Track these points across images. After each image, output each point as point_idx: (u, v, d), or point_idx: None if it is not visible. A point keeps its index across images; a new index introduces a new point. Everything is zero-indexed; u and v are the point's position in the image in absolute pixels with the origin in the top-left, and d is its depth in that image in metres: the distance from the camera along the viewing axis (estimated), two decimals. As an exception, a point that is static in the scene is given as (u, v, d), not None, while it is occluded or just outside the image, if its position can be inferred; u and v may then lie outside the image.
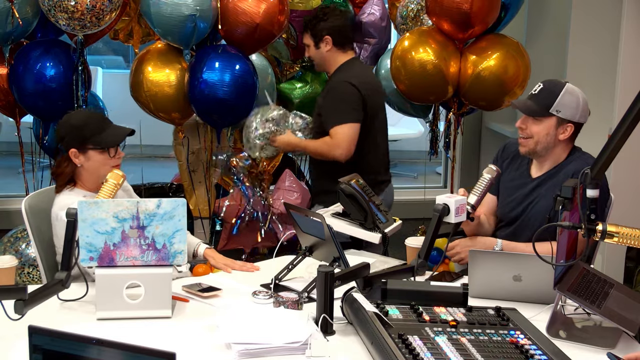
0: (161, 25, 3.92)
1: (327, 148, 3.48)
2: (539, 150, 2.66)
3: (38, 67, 3.92)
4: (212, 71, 3.98)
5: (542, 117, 2.62)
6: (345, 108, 3.46)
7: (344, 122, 3.43)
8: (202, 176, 4.53)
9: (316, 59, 3.61)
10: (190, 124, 4.45)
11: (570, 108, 2.60)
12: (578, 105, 2.61)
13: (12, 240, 4.10)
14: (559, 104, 2.59)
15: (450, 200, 2.38)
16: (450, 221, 2.38)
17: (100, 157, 2.62)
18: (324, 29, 3.53)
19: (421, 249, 2.37)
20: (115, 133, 2.66)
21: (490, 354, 1.87)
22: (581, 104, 2.62)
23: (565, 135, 2.63)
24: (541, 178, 2.70)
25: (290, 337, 1.96)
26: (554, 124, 2.62)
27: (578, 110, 2.61)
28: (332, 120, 3.46)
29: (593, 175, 1.95)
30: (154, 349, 1.35)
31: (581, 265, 2.28)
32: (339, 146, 3.43)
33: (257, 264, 2.75)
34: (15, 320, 1.98)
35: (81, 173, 2.64)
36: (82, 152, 2.61)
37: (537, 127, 2.63)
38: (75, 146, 2.60)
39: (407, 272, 2.34)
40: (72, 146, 2.61)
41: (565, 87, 2.61)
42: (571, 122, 2.62)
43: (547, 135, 2.63)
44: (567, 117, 2.61)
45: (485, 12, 4.05)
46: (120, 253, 2.21)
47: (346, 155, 3.45)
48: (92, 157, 2.62)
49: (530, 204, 2.71)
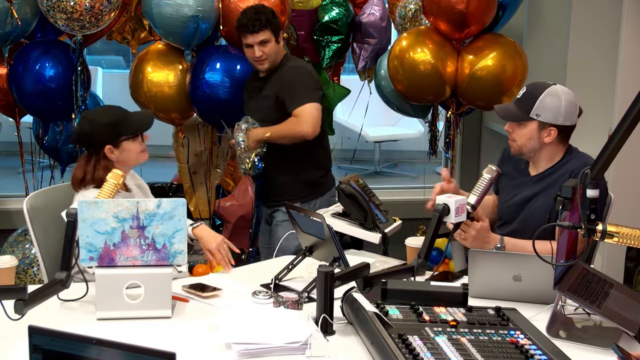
0: (163, 25, 3.93)
1: (292, 126, 3.41)
2: (526, 152, 2.66)
3: (37, 67, 3.92)
4: (214, 71, 3.98)
5: (523, 121, 2.60)
6: (309, 89, 3.45)
7: (309, 101, 3.40)
8: (203, 177, 4.53)
9: (273, 53, 3.47)
10: (190, 125, 4.45)
11: (551, 111, 2.56)
12: (559, 109, 2.56)
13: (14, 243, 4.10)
14: (538, 107, 2.56)
15: (450, 200, 2.38)
16: (451, 221, 2.37)
17: (134, 145, 2.68)
18: (280, 24, 3.54)
19: (421, 249, 2.36)
20: (139, 117, 2.74)
21: (490, 354, 1.86)
22: (563, 107, 2.57)
23: (550, 138, 2.60)
24: (538, 177, 2.70)
25: (290, 337, 1.96)
26: (536, 127, 2.59)
27: (560, 114, 2.57)
28: (297, 101, 3.40)
29: (593, 175, 1.94)
30: (154, 349, 1.35)
31: (581, 265, 2.28)
32: (307, 122, 3.37)
33: (257, 264, 2.75)
34: (15, 320, 1.98)
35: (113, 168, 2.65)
36: (116, 146, 2.66)
37: (520, 131, 2.62)
38: (110, 142, 2.64)
39: (407, 272, 2.34)
40: (107, 143, 2.64)
41: (547, 90, 2.57)
42: (554, 126, 2.59)
43: (530, 139, 2.61)
44: (549, 121, 2.57)
45: (481, 11, 4.05)
46: (120, 253, 2.21)
47: (312, 132, 3.38)
48: (126, 147, 2.67)
49: (528, 202, 2.71)
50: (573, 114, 2.61)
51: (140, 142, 2.71)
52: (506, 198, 2.80)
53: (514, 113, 2.62)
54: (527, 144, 2.63)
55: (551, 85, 2.60)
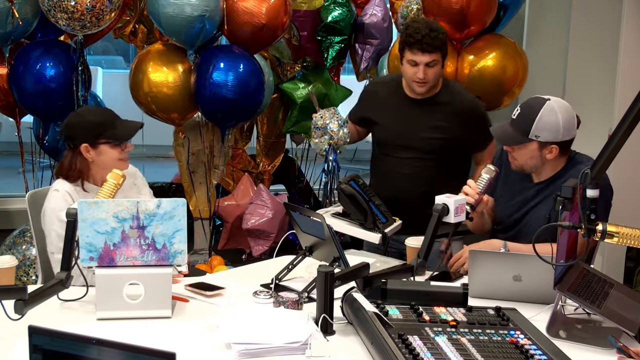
0: (168, 25, 3.92)
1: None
2: (528, 169, 2.64)
3: (38, 67, 3.92)
4: (221, 71, 3.99)
5: (523, 143, 2.56)
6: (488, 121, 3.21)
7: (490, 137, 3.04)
8: (203, 177, 4.53)
9: (436, 77, 3.09)
10: (191, 125, 4.45)
11: (550, 131, 2.52)
12: (558, 126, 2.52)
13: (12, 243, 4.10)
14: (536, 128, 2.52)
15: (449, 200, 2.38)
16: (450, 221, 2.38)
17: (112, 151, 2.64)
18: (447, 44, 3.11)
19: (420, 249, 2.37)
20: (127, 126, 2.70)
21: (490, 354, 1.86)
22: (561, 124, 2.52)
23: (552, 155, 2.57)
24: (542, 185, 2.68)
25: (290, 337, 1.96)
26: (536, 147, 2.56)
27: (559, 131, 2.53)
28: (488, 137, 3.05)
29: (593, 175, 1.94)
30: (154, 349, 1.35)
31: (581, 265, 2.28)
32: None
33: (257, 264, 2.75)
34: (15, 320, 1.98)
35: (90, 168, 2.65)
36: (94, 147, 2.63)
37: (520, 152, 2.59)
38: (88, 141, 2.62)
39: (407, 272, 2.34)
40: (85, 141, 2.62)
41: (543, 108, 2.52)
42: (554, 143, 2.55)
43: (531, 158, 2.59)
44: (549, 140, 2.54)
45: (482, 11, 4.05)
46: (120, 253, 2.21)
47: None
48: (103, 151, 2.64)
49: (531, 209, 2.69)
50: (572, 127, 2.57)
51: (120, 151, 2.66)
52: (506, 202, 2.78)
53: (512, 137, 2.58)
54: (529, 163, 2.61)
55: (546, 102, 2.54)
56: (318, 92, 4.57)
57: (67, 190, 2.61)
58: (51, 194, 2.63)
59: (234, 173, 4.82)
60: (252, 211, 4.51)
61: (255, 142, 4.97)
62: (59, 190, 2.62)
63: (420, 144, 3.12)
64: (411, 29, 3.02)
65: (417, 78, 3.02)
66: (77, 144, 2.63)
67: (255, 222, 4.48)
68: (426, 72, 3.00)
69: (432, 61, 2.99)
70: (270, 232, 4.49)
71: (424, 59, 2.98)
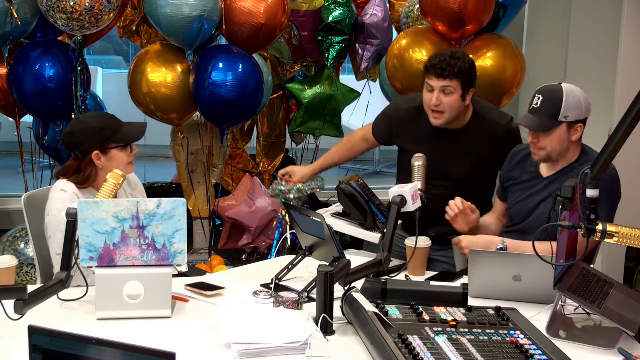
0: (167, 25, 3.92)
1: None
2: (554, 157, 2.65)
3: (37, 67, 3.92)
4: (220, 71, 3.98)
5: (554, 127, 2.59)
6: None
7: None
8: (202, 176, 4.53)
9: (453, 109, 2.93)
10: (190, 125, 4.45)
11: (576, 109, 2.58)
12: (580, 103, 2.59)
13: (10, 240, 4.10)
14: (565, 109, 2.56)
15: (404, 191, 2.41)
16: (409, 210, 2.40)
17: (122, 155, 2.64)
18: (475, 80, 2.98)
19: (384, 242, 2.37)
20: (133, 128, 2.70)
21: (490, 354, 1.87)
22: (583, 101, 2.60)
23: (577, 135, 2.61)
24: (553, 177, 2.68)
25: (290, 337, 1.96)
26: (565, 129, 2.59)
27: (582, 108, 2.60)
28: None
29: (593, 175, 1.94)
30: (154, 349, 1.35)
31: (581, 265, 2.28)
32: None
33: (257, 264, 2.75)
34: (15, 320, 1.98)
35: (99, 175, 2.64)
36: (104, 153, 2.62)
37: (549, 139, 2.60)
38: (98, 148, 2.61)
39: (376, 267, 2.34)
40: (95, 149, 2.60)
41: (564, 90, 2.58)
42: (580, 121, 2.60)
43: (560, 143, 2.61)
44: (576, 118, 2.59)
45: (478, 11, 4.05)
46: (120, 253, 2.21)
47: None
48: (114, 156, 2.63)
49: (541, 202, 2.70)
50: (589, 104, 2.64)
51: (128, 154, 2.66)
52: (519, 199, 2.78)
53: (543, 124, 2.59)
54: (557, 148, 2.62)
55: (561, 85, 2.61)
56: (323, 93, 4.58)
57: (74, 192, 2.60)
58: (57, 194, 2.60)
59: (233, 173, 4.82)
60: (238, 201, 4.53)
61: (255, 142, 4.97)
62: (67, 191, 2.59)
63: (452, 175, 3.03)
64: (434, 55, 2.95)
65: (432, 104, 2.91)
66: (85, 151, 2.61)
67: (232, 213, 4.50)
68: (440, 98, 2.88)
69: (447, 87, 2.87)
70: (249, 225, 4.49)
71: (438, 84, 2.88)
